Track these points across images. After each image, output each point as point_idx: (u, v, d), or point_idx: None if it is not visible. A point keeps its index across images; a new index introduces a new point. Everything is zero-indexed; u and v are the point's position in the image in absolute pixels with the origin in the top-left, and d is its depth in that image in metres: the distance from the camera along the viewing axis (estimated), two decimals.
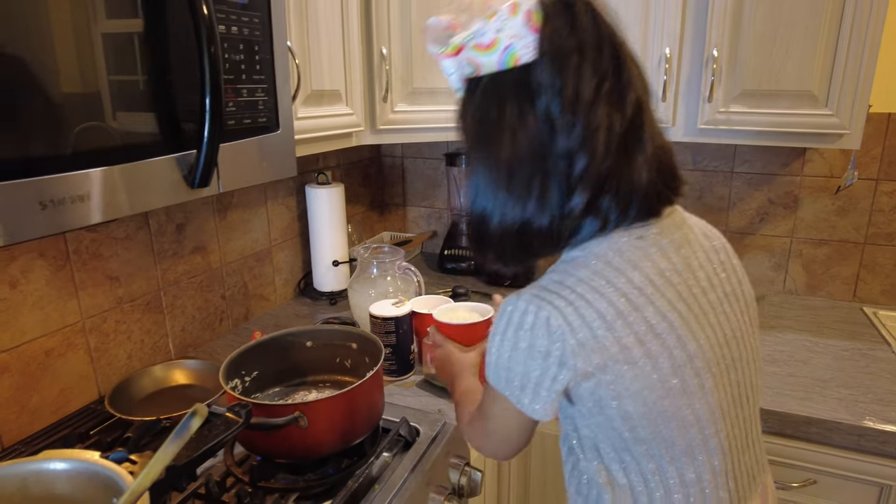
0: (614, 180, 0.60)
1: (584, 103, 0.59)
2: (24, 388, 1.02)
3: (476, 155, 0.66)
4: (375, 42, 1.29)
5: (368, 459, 0.91)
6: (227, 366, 0.93)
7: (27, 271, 1.01)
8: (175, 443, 0.57)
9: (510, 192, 0.63)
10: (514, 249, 0.67)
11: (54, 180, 0.65)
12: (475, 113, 0.65)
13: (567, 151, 0.60)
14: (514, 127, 0.61)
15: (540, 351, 0.61)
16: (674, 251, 0.65)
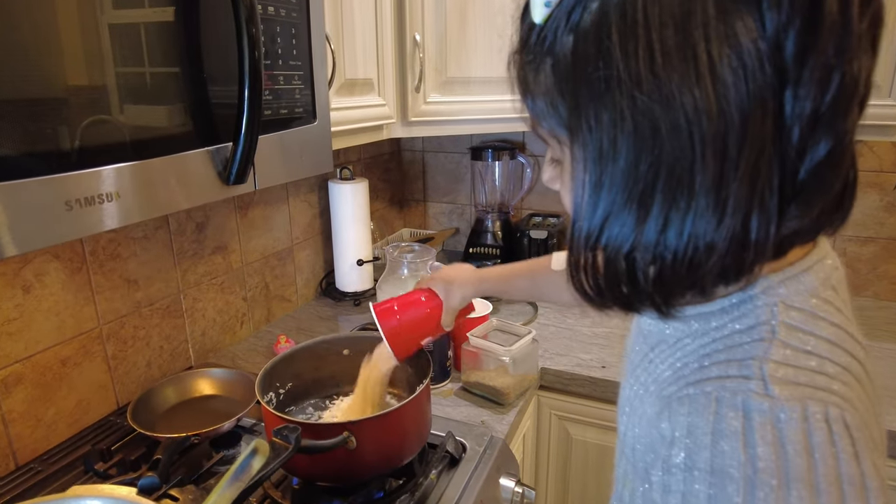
0: (844, 178, 0.38)
1: (852, 39, 0.34)
2: (40, 401, 0.94)
3: (620, 110, 0.36)
4: (408, 28, 1.20)
5: (418, 480, 0.83)
6: (262, 379, 0.85)
7: (41, 275, 0.93)
8: (234, 486, 0.50)
9: (707, 197, 0.35)
10: (703, 275, 0.38)
11: (80, 177, 0.57)
12: (622, 21, 0.35)
13: (803, 122, 0.35)
14: (713, 55, 0.33)
15: (854, 481, 0.35)
16: None
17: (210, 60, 0.71)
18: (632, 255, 0.38)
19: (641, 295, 0.40)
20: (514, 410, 1.09)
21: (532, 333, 1.12)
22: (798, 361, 0.38)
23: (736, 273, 0.38)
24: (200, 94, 0.70)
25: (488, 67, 1.32)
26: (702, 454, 0.37)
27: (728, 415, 0.36)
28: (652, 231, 0.37)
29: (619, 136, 0.36)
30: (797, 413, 0.35)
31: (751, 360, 0.38)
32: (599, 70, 0.36)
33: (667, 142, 0.35)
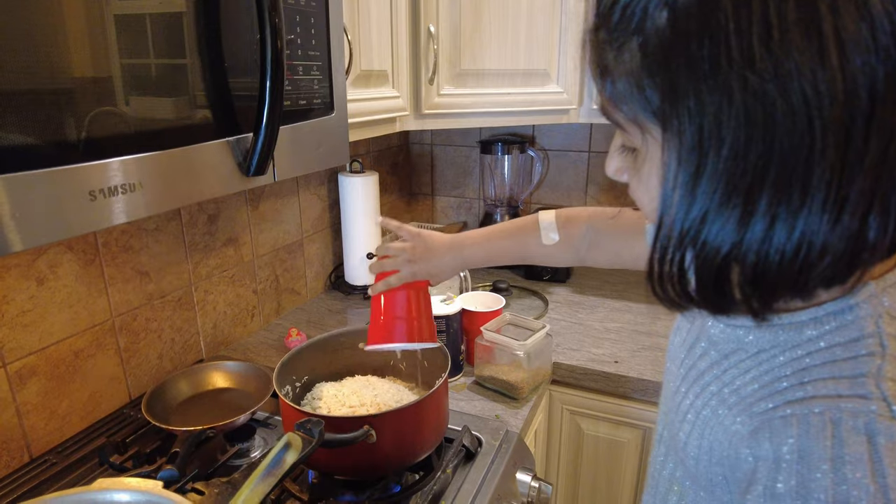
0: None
1: None
2: (53, 393, 0.94)
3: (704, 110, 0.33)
4: (423, 19, 1.19)
5: (436, 474, 0.83)
6: (279, 372, 0.85)
7: (55, 266, 0.92)
8: (266, 481, 0.49)
9: (824, 192, 0.32)
10: (809, 280, 0.35)
11: (103, 167, 0.57)
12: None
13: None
14: (835, 39, 0.30)
15: None
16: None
17: (231, 51, 0.70)
18: (732, 255, 0.35)
19: (736, 299, 0.37)
20: (528, 405, 1.08)
21: (546, 328, 1.11)
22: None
23: (845, 276, 0.35)
24: (221, 85, 0.69)
25: (502, 60, 1.31)
26: (820, 482, 0.33)
27: (850, 440, 0.33)
28: (759, 230, 0.33)
29: (724, 122, 0.32)
30: None
31: (864, 377, 0.35)
32: (704, 47, 0.32)
33: (781, 129, 0.31)
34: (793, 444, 0.35)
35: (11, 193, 0.49)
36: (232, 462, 0.89)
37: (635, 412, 1.21)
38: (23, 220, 0.50)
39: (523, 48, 1.31)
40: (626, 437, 1.25)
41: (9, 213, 0.49)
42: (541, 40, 1.32)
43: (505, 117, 1.37)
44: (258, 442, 0.96)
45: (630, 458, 1.26)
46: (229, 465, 0.88)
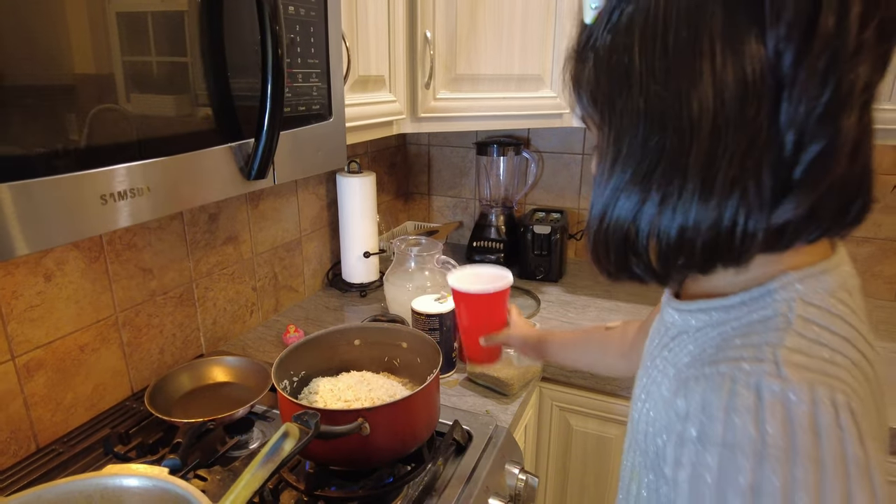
0: (843, 181, 0.40)
1: (847, 50, 0.37)
2: (60, 385, 0.97)
3: (631, 111, 0.42)
4: (419, 25, 1.23)
5: (426, 466, 0.87)
6: (277, 366, 0.88)
7: (62, 263, 0.96)
8: (265, 467, 0.52)
9: (702, 180, 0.40)
10: (682, 264, 0.44)
11: (115, 172, 0.60)
12: (645, 32, 0.40)
13: (798, 124, 0.38)
14: (721, 61, 0.38)
15: (859, 463, 0.37)
16: None
17: (233, 58, 0.73)
18: (634, 228, 0.44)
19: (645, 267, 0.45)
20: (518, 401, 1.12)
21: (537, 326, 1.15)
22: (811, 350, 0.40)
23: (728, 256, 0.42)
24: (224, 92, 0.73)
25: (497, 65, 1.34)
26: (715, 428, 0.39)
27: (742, 393, 0.39)
28: (651, 208, 0.42)
29: (633, 121, 0.42)
30: (806, 395, 0.38)
31: (765, 345, 0.41)
32: (624, 63, 0.41)
33: (670, 129, 0.40)
34: (698, 397, 0.41)
35: (30, 197, 0.52)
36: (231, 453, 0.93)
37: (623, 409, 1.25)
38: (39, 223, 0.54)
39: (517, 54, 1.35)
40: (614, 434, 1.29)
41: (28, 216, 0.52)
42: (535, 46, 1.35)
43: (499, 121, 1.40)
44: (256, 434, 0.99)
45: (617, 453, 1.30)
46: (228, 456, 0.92)
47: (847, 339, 0.42)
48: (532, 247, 1.69)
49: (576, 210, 1.87)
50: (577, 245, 1.91)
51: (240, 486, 0.50)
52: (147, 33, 0.62)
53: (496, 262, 1.81)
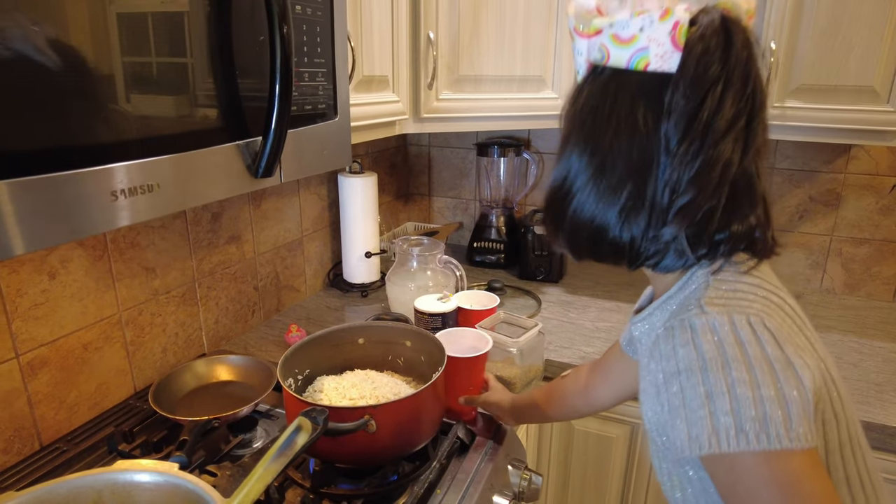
0: (713, 225, 0.56)
1: (714, 138, 0.54)
2: (63, 383, 0.97)
3: (576, 139, 0.62)
4: (423, 26, 1.23)
5: (432, 464, 0.87)
6: (283, 364, 0.89)
7: (66, 262, 0.96)
8: (279, 460, 0.53)
9: (597, 190, 0.59)
10: (584, 245, 0.63)
11: (126, 168, 0.60)
12: (589, 99, 0.61)
13: (673, 181, 0.55)
14: (623, 129, 0.58)
15: (779, 359, 0.51)
16: None
17: (242, 57, 0.73)
18: (561, 202, 0.62)
19: (562, 234, 0.64)
20: None
21: (539, 326, 1.15)
22: (725, 295, 0.56)
23: (630, 259, 0.61)
24: (233, 90, 0.73)
25: (499, 66, 1.35)
26: (670, 365, 0.54)
27: (679, 333, 0.54)
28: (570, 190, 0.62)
29: (576, 144, 0.62)
30: (726, 320, 0.53)
31: (692, 300, 0.57)
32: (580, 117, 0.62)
33: (588, 154, 0.60)
34: (657, 353, 0.56)
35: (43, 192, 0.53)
36: (235, 452, 0.93)
37: (624, 408, 1.25)
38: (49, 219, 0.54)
39: (520, 55, 1.35)
40: (615, 433, 1.29)
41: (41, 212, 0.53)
42: (537, 48, 1.36)
43: (501, 121, 1.41)
44: (260, 433, 0.99)
45: (618, 452, 1.31)
46: (232, 455, 0.92)
47: (757, 286, 0.57)
48: (532, 247, 1.70)
49: None
50: None
51: (253, 480, 0.50)
52: (164, 36, 0.63)
53: (496, 262, 1.82)
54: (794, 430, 0.49)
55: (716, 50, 0.54)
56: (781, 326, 0.53)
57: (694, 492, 0.62)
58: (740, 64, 0.54)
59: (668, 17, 0.54)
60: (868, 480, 0.61)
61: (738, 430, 0.49)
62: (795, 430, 0.49)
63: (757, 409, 0.49)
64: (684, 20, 0.54)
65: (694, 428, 0.51)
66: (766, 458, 0.49)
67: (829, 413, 0.56)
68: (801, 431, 0.49)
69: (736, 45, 0.54)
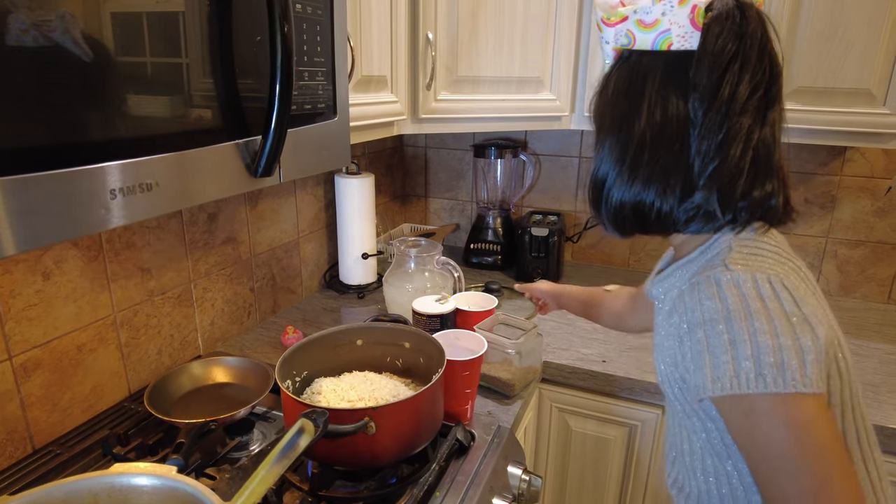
0: (741, 191, 0.61)
1: (735, 109, 0.60)
2: (57, 385, 0.96)
3: (609, 125, 0.68)
4: (421, 27, 1.23)
5: (431, 466, 0.86)
6: (280, 366, 0.88)
7: (61, 262, 0.94)
8: (280, 463, 0.52)
9: (634, 170, 0.65)
10: (629, 221, 0.69)
11: (125, 166, 0.59)
12: (619, 83, 0.67)
13: (702, 150, 0.62)
14: (653, 106, 0.64)
15: (796, 314, 0.56)
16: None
17: (240, 56, 0.73)
18: (603, 190, 0.69)
19: (608, 218, 0.70)
20: (519, 402, 1.12)
21: (537, 327, 1.15)
22: (748, 257, 0.61)
23: (656, 227, 0.67)
24: (231, 89, 0.72)
25: (497, 67, 1.35)
26: (696, 315, 0.60)
27: (705, 287, 0.60)
28: (611, 180, 0.68)
29: (609, 133, 0.69)
30: (749, 278, 0.58)
31: (717, 259, 0.63)
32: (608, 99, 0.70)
33: (621, 139, 0.67)
34: (682, 306, 0.62)
35: (37, 190, 0.52)
36: (231, 454, 0.92)
37: (622, 410, 1.25)
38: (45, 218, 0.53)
39: (518, 56, 1.35)
40: (613, 435, 1.29)
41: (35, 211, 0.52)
42: (535, 49, 1.36)
43: (499, 122, 1.41)
44: (257, 436, 0.98)
45: (616, 454, 1.30)
46: (229, 458, 0.91)
47: (775, 252, 0.63)
48: (529, 249, 1.69)
49: (573, 213, 1.88)
50: (573, 247, 1.91)
51: (255, 482, 0.49)
52: (161, 34, 0.62)
53: (493, 264, 1.82)
54: (807, 375, 0.54)
55: (732, 28, 0.60)
56: (798, 287, 0.59)
57: (701, 443, 0.69)
58: (756, 41, 0.60)
59: (686, 2, 0.61)
60: (866, 440, 0.66)
61: (758, 374, 0.55)
62: (809, 377, 0.54)
63: (776, 356, 0.54)
64: (701, 3, 0.61)
65: (717, 370, 0.57)
66: (781, 401, 0.54)
67: (833, 370, 0.60)
68: (814, 378, 0.54)
69: (751, 24, 0.60)
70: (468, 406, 1.02)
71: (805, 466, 0.54)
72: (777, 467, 0.56)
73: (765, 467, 0.57)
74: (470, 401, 1.02)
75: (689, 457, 0.73)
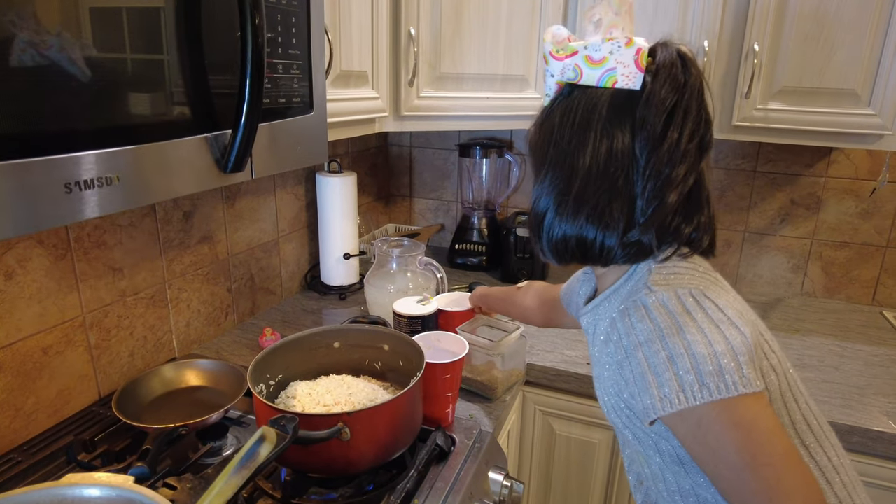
0: (671, 226, 0.65)
1: (677, 156, 0.63)
2: (20, 390, 0.92)
3: (553, 157, 0.69)
4: (404, 22, 1.20)
5: (409, 473, 0.84)
6: (253, 369, 0.85)
7: (25, 261, 0.91)
8: (240, 473, 0.49)
9: (579, 203, 0.66)
10: (570, 253, 0.70)
11: (80, 159, 0.56)
12: (564, 116, 0.68)
13: (642, 191, 0.64)
14: (600, 140, 0.66)
15: (724, 320, 0.59)
16: None
17: (211, 47, 0.70)
18: (544, 223, 0.70)
19: (548, 251, 0.71)
20: (502, 405, 1.09)
21: (520, 329, 1.13)
22: (668, 277, 0.65)
23: (598, 258, 0.68)
24: (200, 81, 0.69)
25: (481, 65, 1.33)
26: (630, 340, 0.62)
27: (634, 312, 0.63)
28: (551, 216, 0.69)
29: (550, 167, 0.69)
30: (672, 295, 0.62)
31: (640, 284, 0.66)
32: (551, 132, 0.70)
33: (564, 174, 0.68)
34: (616, 335, 0.64)
35: None
36: (204, 460, 0.89)
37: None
38: None
39: (502, 54, 1.33)
40: (597, 438, 1.27)
41: None
42: (519, 47, 1.34)
43: (483, 121, 1.38)
44: (231, 440, 0.95)
45: (601, 458, 1.28)
46: (201, 464, 0.87)
47: (692, 268, 0.66)
48: (514, 250, 1.67)
49: None
50: None
51: (212, 495, 0.46)
52: (120, 24, 0.59)
53: (478, 265, 1.79)
54: (745, 376, 0.57)
55: (676, 77, 0.63)
56: (719, 295, 0.62)
57: (657, 466, 0.71)
58: (695, 91, 0.64)
59: (632, 45, 0.64)
60: (816, 424, 0.68)
61: (701, 385, 0.57)
62: (747, 377, 0.57)
63: (713, 364, 0.57)
64: (645, 48, 0.64)
65: (663, 388, 0.59)
66: (727, 405, 0.57)
67: (765, 365, 0.63)
68: (751, 377, 0.57)
69: (692, 74, 0.64)
70: (449, 410, 0.99)
71: (759, 461, 0.56)
72: (735, 468, 0.57)
73: (724, 472, 0.58)
74: (451, 404, 0.99)
75: (651, 481, 0.74)
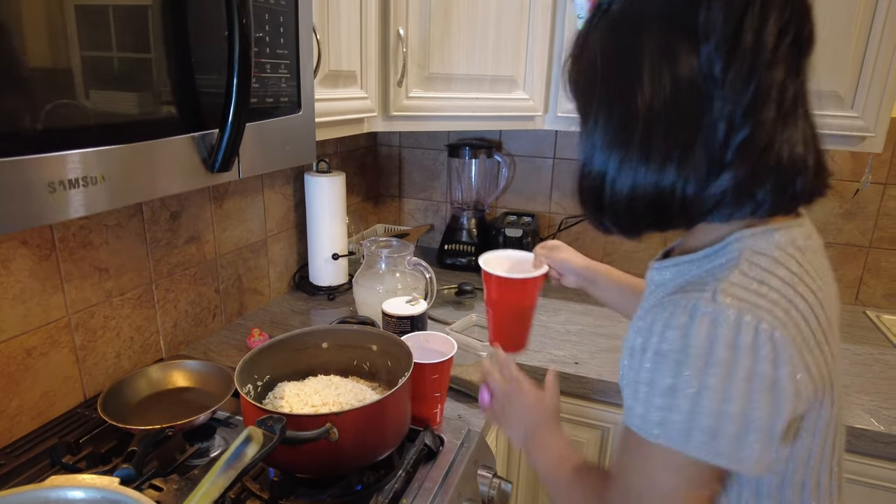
0: (775, 161, 0.49)
1: (764, 59, 0.47)
2: (2, 392, 0.91)
3: (600, 98, 0.54)
4: (392, 22, 1.20)
5: (397, 473, 0.84)
6: (241, 370, 0.84)
7: (7, 261, 0.89)
8: (226, 474, 0.49)
9: (645, 152, 0.51)
10: (644, 217, 0.54)
11: (64, 158, 0.56)
12: (604, 43, 0.53)
13: (728, 115, 0.48)
14: (658, 66, 0.49)
15: (766, 379, 0.46)
16: (825, 272, 0.57)
17: (198, 46, 0.69)
18: (605, 184, 0.55)
19: (612, 218, 0.56)
20: None
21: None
22: (749, 286, 0.48)
23: (677, 217, 0.53)
24: (187, 80, 0.69)
25: (470, 65, 1.33)
26: (653, 340, 0.49)
27: (679, 313, 0.48)
28: (613, 169, 0.54)
29: (600, 109, 0.55)
30: (733, 317, 0.46)
31: (712, 279, 0.50)
32: (594, 65, 0.55)
33: (621, 114, 0.53)
34: (650, 319, 0.50)
35: None
36: (191, 462, 0.88)
37: (595, 413, 1.24)
38: None
39: (491, 54, 1.33)
40: (586, 437, 1.28)
41: None
42: (509, 47, 1.34)
43: (472, 122, 1.39)
44: (218, 441, 0.94)
45: (589, 457, 1.29)
46: (188, 465, 0.87)
47: (788, 284, 0.49)
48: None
49: (547, 214, 1.87)
50: None
51: (198, 496, 0.46)
52: (106, 22, 0.58)
53: (468, 265, 1.80)
54: (744, 449, 0.47)
55: None
56: (793, 340, 0.47)
57: None
58: None
59: None
60: (826, 482, 0.57)
61: (687, 434, 0.48)
62: (746, 451, 0.47)
63: (710, 420, 0.47)
64: None
65: (649, 412, 0.50)
66: (690, 461, 0.48)
67: (807, 426, 0.52)
68: (743, 454, 0.47)
69: None
70: (437, 410, 0.99)
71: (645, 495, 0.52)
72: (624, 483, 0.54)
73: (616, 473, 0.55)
74: (439, 404, 1.00)
75: None
